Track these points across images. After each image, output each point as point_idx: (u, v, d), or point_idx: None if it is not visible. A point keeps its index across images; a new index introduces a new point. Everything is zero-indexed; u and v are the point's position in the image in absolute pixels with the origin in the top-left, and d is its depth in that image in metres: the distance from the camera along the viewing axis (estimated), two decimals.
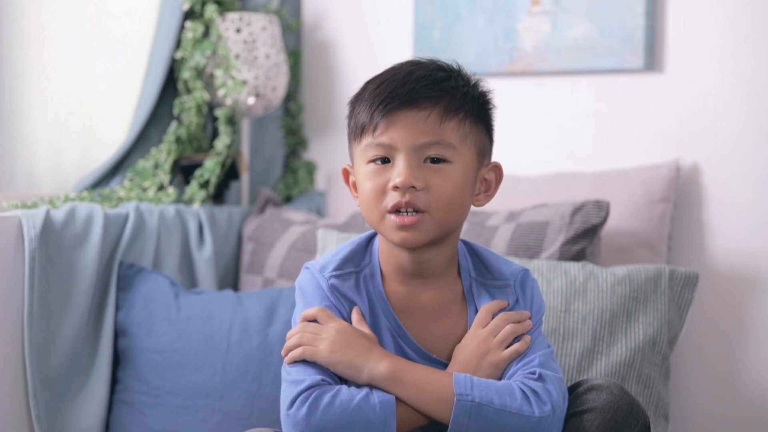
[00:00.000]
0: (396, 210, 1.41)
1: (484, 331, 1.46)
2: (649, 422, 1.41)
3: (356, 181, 1.48)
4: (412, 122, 1.41)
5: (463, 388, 1.38)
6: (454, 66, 1.48)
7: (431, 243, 1.44)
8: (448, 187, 1.42)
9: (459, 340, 1.48)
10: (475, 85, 1.48)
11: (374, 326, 1.47)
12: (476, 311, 1.49)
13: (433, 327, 1.49)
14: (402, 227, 1.41)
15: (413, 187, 1.40)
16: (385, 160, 1.42)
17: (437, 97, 1.42)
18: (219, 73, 2.32)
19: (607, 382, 1.41)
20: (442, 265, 1.48)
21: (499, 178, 1.51)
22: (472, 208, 1.50)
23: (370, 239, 1.53)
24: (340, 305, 1.47)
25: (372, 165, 1.43)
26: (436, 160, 1.42)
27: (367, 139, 1.43)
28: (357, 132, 1.45)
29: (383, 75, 1.46)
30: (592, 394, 1.39)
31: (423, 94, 1.41)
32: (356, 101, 1.47)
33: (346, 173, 1.53)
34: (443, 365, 1.46)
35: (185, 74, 2.33)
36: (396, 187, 1.40)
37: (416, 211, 1.40)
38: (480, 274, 1.52)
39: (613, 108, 2.27)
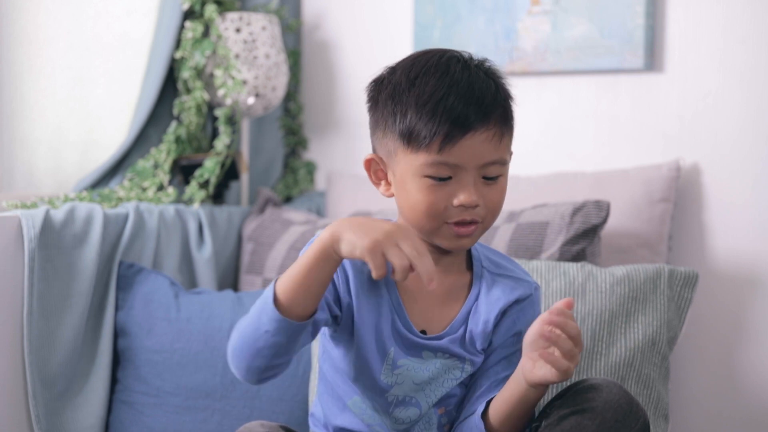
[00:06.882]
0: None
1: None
2: (648, 422, 1.41)
3: (398, 183, 1.45)
4: (479, 142, 1.41)
5: None
6: (491, 66, 1.47)
7: None
8: (500, 200, 1.46)
9: (453, 319, 1.50)
10: (505, 87, 1.48)
11: (373, 296, 1.47)
12: (478, 295, 1.51)
13: (435, 307, 1.50)
14: (460, 237, 1.44)
15: (477, 205, 1.42)
16: (445, 177, 1.42)
17: (498, 113, 1.43)
18: (219, 72, 2.32)
19: (607, 382, 1.41)
20: (458, 253, 1.52)
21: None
22: None
23: None
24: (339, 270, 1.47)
25: (428, 179, 1.42)
26: (491, 177, 1.44)
27: (429, 156, 1.40)
28: (409, 140, 1.41)
29: (436, 79, 1.41)
30: (592, 394, 1.39)
31: (490, 113, 1.41)
32: (400, 99, 1.42)
33: (369, 164, 1.50)
34: (434, 346, 1.48)
35: (185, 74, 2.33)
36: (461, 205, 1.41)
37: (472, 221, 1.43)
38: (495, 266, 1.54)
39: (613, 108, 2.27)
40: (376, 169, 1.50)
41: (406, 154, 1.42)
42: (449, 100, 1.39)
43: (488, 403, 1.47)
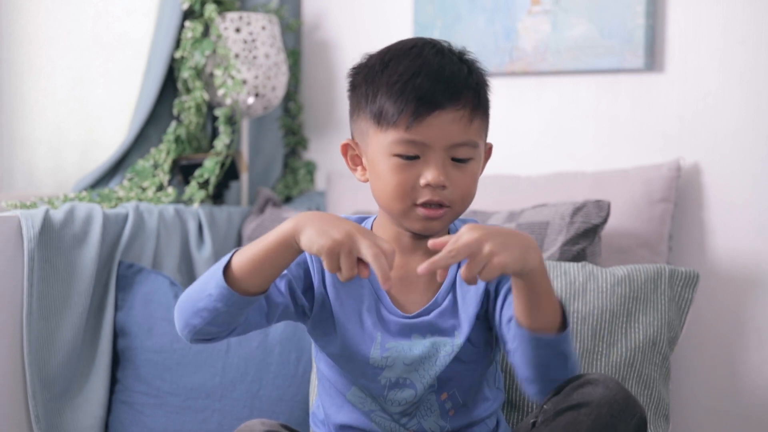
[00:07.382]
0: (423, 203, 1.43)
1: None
2: (645, 418, 1.40)
3: (370, 165, 1.47)
4: (447, 122, 1.41)
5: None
6: (468, 55, 1.48)
7: None
8: (470, 184, 1.45)
9: (437, 292, 1.49)
10: (480, 72, 1.48)
11: (354, 285, 1.48)
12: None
13: (419, 288, 1.50)
14: (428, 218, 1.44)
15: (444, 186, 1.42)
16: (413, 156, 1.42)
17: (468, 95, 1.43)
18: (219, 72, 2.32)
19: (603, 377, 1.40)
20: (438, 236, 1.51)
21: (489, 155, 1.53)
22: (470, 206, 1.52)
23: (361, 222, 1.55)
24: (311, 262, 1.48)
25: (397, 159, 1.43)
26: (460, 159, 1.44)
27: (397, 133, 1.42)
28: (379, 119, 1.43)
29: (408, 61, 1.43)
30: (588, 389, 1.38)
31: (459, 93, 1.42)
32: (373, 80, 1.44)
33: (345, 148, 1.52)
34: (423, 324, 1.48)
35: (185, 74, 2.33)
36: (428, 185, 1.42)
37: (441, 205, 1.43)
38: None
39: (613, 108, 2.27)
40: (353, 155, 1.52)
41: (377, 134, 1.44)
42: (418, 79, 1.41)
43: None
